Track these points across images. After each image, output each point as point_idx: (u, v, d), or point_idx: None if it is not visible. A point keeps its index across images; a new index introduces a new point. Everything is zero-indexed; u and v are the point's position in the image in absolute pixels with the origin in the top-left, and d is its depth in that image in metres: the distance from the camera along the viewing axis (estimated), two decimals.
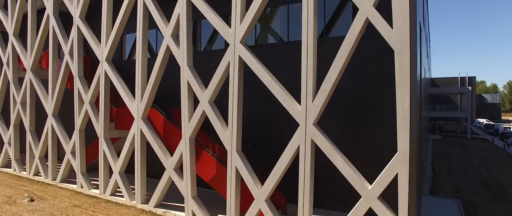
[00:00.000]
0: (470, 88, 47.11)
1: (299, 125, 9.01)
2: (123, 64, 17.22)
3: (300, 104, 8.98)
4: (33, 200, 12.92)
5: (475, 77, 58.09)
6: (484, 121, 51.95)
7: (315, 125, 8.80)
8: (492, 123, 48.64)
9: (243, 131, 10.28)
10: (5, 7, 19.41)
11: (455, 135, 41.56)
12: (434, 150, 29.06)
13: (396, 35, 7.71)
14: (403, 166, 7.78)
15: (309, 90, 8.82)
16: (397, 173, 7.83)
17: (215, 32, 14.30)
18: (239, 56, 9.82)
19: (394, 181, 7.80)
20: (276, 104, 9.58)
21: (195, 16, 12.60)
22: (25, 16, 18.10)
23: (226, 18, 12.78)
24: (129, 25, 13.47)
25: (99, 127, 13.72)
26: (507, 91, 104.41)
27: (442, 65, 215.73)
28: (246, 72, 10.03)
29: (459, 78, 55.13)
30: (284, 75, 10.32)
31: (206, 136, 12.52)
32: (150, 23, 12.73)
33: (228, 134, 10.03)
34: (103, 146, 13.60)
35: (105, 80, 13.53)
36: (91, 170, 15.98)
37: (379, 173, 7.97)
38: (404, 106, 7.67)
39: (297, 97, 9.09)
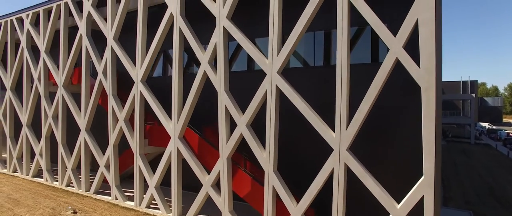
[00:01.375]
0: (473, 95, 48.07)
1: (332, 149, 9.97)
2: (151, 80, 18.12)
3: (334, 131, 9.94)
4: (76, 213, 13.85)
5: (477, 81, 59.10)
6: (486, 125, 52.94)
7: (348, 150, 9.76)
8: (494, 128, 49.65)
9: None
10: (36, 24, 20.28)
11: (458, 141, 42.56)
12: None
13: (423, 74, 8.67)
14: (429, 189, 8.76)
15: (342, 118, 9.77)
16: (423, 195, 8.82)
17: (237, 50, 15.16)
18: (276, 85, 10.77)
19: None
20: (303, 127, 10.52)
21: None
22: (55, 31, 19.03)
23: (254, 41, 13.70)
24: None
25: (135, 143, 14.66)
26: (508, 93, 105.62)
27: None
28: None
29: (461, 82, 56.07)
30: (305, 97, 11.05)
31: (238, 153, 13.45)
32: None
33: (266, 156, 10.98)
34: (138, 162, 14.54)
35: (140, 99, 14.47)
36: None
37: (402, 187, 8.96)
38: (429, 137, 8.63)
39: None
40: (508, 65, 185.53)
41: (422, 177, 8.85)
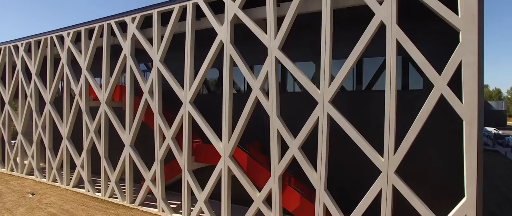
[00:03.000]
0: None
1: (380, 172, 11.13)
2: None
3: (382, 157, 11.09)
4: None
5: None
6: (492, 130, 54.06)
7: (395, 173, 10.91)
8: (501, 133, 50.75)
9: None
10: (75, 42, 21.36)
11: None
12: None
13: (466, 110, 9.82)
14: (471, 210, 9.93)
15: (390, 144, 10.92)
16: (466, 215, 9.98)
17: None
18: (328, 113, 11.92)
19: None
20: (345, 148, 11.69)
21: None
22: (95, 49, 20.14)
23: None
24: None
25: (183, 160, 15.79)
26: (511, 96, 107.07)
27: None
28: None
29: None
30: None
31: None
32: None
33: (317, 176, 12.13)
34: (187, 177, 15.67)
35: (188, 119, 15.58)
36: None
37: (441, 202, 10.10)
38: (472, 165, 9.78)
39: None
40: (510, 66, 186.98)
41: (464, 199, 10.00)
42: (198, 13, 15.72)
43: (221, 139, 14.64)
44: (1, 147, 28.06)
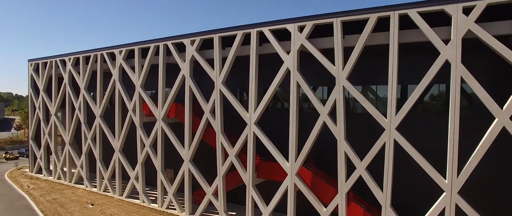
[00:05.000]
0: None
1: (443, 191, 12.66)
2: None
3: (445, 179, 12.62)
4: None
5: None
6: None
7: (458, 193, 12.45)
8: None
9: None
10: (129, 57, 22.45)
11: None
12: None
13: None
14: None
15: (454, 168, 12.45)
16: None
17: None
18: (394, 139, 13.41)
19: None
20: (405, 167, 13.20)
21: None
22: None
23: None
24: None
25: (247, 176, 17.19)
26: None
27: None
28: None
29: None
30: None
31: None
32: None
33: (383, 194, 13.64)
34: (251, 193, 17.08)
35: (253, 139, 16.95)
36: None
37: None
38: None
39: None
40: None
41: None
42: (261, 39, 17.02)
43: (282, 156, 16.08)
44: (46, 156, 29.08)
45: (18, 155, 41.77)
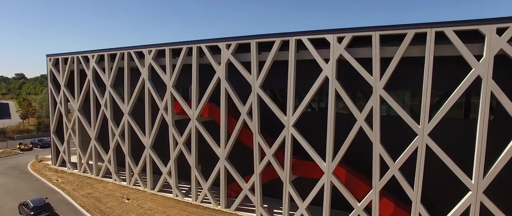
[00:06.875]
0: None
1: (469, 190, 14.51)
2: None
3: (471, 179, 14.43)
4: None
5: None
6: None
7: (483, 193, 14.31)
8: None
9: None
10: (160, 56, 22.97)
11: None
12: None
13: None
14: None
15: (480, 170, 14.23)
16: None
17: None
18: (426, 144, 15.02)
19: None
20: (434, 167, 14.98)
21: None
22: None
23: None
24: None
25: (285, 174, 18.63)
26: None
27: None
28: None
29: None
30: None
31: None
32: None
33: (414, 192, 15.40)
34: (288, 189, 18.59)
35: (291, 141, 18.26)
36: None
37: None
38: None
39: None
40: None
41: None
42: (299, 46, 18.01)
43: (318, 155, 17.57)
44: (68, 150, 29.56)
45: (31, 145, 41.73)
